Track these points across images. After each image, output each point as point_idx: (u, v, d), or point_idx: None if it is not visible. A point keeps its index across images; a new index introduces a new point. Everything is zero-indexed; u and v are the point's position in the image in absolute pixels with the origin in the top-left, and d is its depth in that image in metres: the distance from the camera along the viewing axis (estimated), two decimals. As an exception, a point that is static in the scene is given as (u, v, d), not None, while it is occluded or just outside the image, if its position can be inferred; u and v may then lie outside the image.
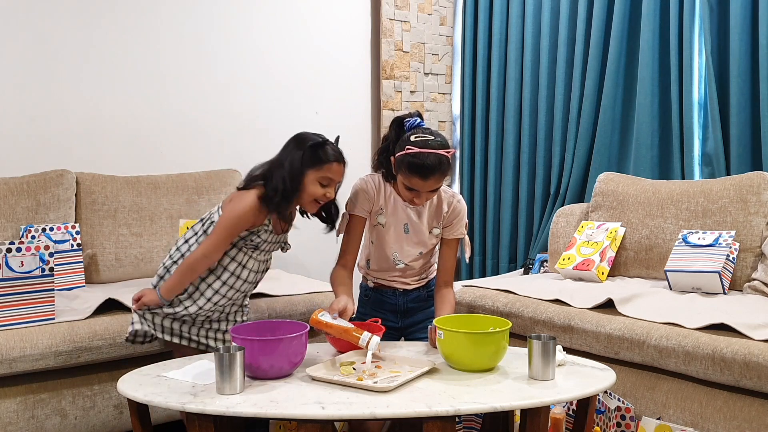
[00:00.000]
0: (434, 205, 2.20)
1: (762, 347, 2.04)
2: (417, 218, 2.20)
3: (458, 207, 2.21)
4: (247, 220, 2.05)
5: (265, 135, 3.71)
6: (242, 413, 1.58)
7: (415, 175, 2.02)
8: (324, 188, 2.07)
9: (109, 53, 3.24)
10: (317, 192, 2.06)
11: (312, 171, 2.05)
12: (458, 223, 2.21)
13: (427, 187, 2.04)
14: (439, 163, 2.00)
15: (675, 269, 2.65)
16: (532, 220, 4.05)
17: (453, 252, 2.20)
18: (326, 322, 1.96)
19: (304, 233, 2.29)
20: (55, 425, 2.33)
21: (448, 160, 2.04)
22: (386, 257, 2.24)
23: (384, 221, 2.21)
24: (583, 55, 3.75)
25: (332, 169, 2.06)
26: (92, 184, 2.97)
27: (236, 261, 2.12)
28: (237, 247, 2.11)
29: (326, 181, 2.07)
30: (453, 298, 2.21)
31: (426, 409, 1.57)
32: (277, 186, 2.03)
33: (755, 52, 3.11)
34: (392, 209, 2.20)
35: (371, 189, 2.21)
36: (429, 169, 2.00)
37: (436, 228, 2.21)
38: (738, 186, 2.78)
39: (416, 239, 2.21)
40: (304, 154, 2.05)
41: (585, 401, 1.86)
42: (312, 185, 2.06)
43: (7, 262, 2.27)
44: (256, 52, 3.65)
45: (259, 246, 2.12)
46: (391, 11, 4.05)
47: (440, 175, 2.02)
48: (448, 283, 2.19)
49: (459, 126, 4.39)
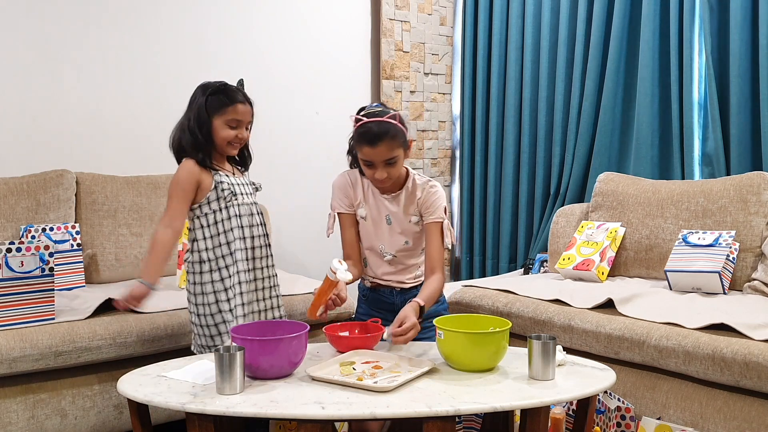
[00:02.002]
0: (409, 192, 2.21)
1: (762, 347, 2.04)
2: (396, 208, 2.22)
3: (431, 191, 2.21)
4: (187, 181, 2.12)
5: (265, 135, 3.71)
6: (242, 413, 1.58)
7: (364, 144, 2.06)
8: (234, 130, 2.16)
9: (109, 53, 3.24)
10: (229, 135, 2.15)
11: (217, 116, 2.14)
12: (433, 206, 2.19)
13: (378, 155, 2.06)
14: (385, 129, 2.05)
15: (675, 269, 2.65)
16: (532, 220, 4.06)
17: (435, 238, 2.19)
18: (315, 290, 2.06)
19: (304, 233, 2.29)
20: (55, 425, 2.33)
21: (395, 128, 2.07)
22: (375, 250, 2.27)
23: (365, 214, 2.25)
24: (583, 55, 3.75)
25: (237, 110, 2.15)
26: (92, 184, 2.97)
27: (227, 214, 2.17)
28: (224, 207, 2.16)
29: (234, 123, 2.15)
30: (437, 284, 2.17)
31: (426, 409, 1.57)
32: (196, 142, 2.13)
33: (755, 52, 3.11)
34: (372, 202, 2.24)
35: (347, 184, 2.26)
36: (375, 135, 2.04)
37: (415, 216, 2.21)
38: (738, 186, 2.77)
39: (399, 229, 2.23)
40: (207, 102, 2.14)
41: (585, 401, 1.86)
42: (222, 130, 2.15)
43: (7, 262, 2.27)
44: (256, 52, 3.65)
45: (234, 190, 2.18)
46: (391, 11, 4.05)
47: (389, 141, 2.05)
48: (434, 269, 2.18)
49: (459, 126, 4.39)
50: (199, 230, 2.17)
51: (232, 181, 2.21)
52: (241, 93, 2.19)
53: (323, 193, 2.38)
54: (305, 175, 3.81)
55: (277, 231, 3.62)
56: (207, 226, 2.16)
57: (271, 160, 3.74)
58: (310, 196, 3.74)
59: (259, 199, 3.70)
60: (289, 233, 3.74)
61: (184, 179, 2.13)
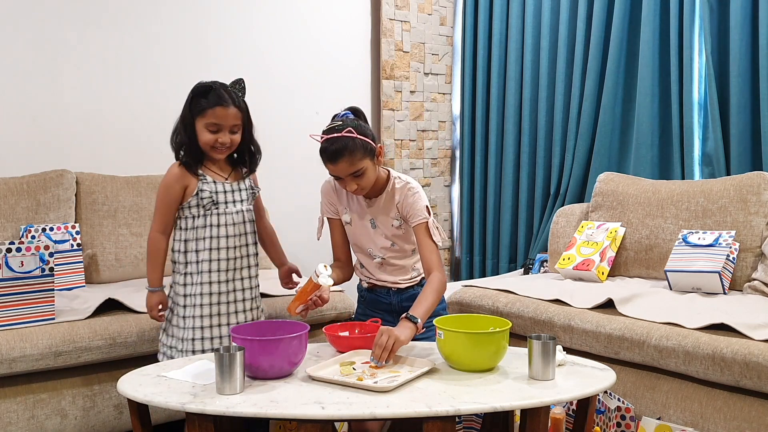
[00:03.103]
0: (389, 196, 2.21)
1: (762, 347, 2.04)
2: (378, 212, 2.22)
3: (408, 194, 2.19)
4: (172, 185, 2.10)
5: (265, 135, 3.71)
6: (242, 413, 1.58)
7: (327, 162, 2.07)
8: (214, 134, 2.08)
9: (109, 53, 3.24)
10: (209, 139, 2.09)
11: (198, 119, 2.08)
12: (413, 208, 2.17)
13: (341, 171, 2.06)
14: (343, 146, 2.03)
15: (675, 269, 2.65)
16: (532, 220, 4.06)
17: (424, 239, 2.17)
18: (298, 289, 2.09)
19: (304, 233, 2.30)
20: (55, 425, 2.33)
21: (353, 142, 2.04)
22: (365, 252, 2.29)
23: (349, 219, 2.26)
24: (583, 55, 3.75)
25: (215, 113, 2.07)
26: (92, 184, 2.97)
27: (203, 222, 2.13)
28: (202, 214, 2.13)
29: (213, 127, 2.08)
30: (436, 283, 2.12)
31: (426, 409, 1.57)
32: (180, 142, 2.11)
33: (755, 52, 3.11)
34: (356, 207, 2.25)
35: (331, 190, 2.28)
36: (334, 153, 2.03)
37: (396, 220, 2.21)
38: (738, 186, 2.77)
39: (383, 232, 2.24)
40: (190, 104, 2.09)
41: (585, 401, 1.86)
42: (202, 133, 2.09)
43: (7, 262, 2.27)
44: (256, 52, 3.65)
45: (215, 199, 2.12)
46: (391, 11, 4.05)
47: (349, 157, 2.03)
48: (431, 269, 2.17)
49: (459, 126, 4.39)
50: (177, 231, 2.17)
51: (219, 188, 2.14)
52: (230, 95, 2.10)
53: (322, 194, 2.39)
54: (305, 175, 3.80)
55: (276, 231, 3.61)
56: (183, 230, 2.15)
57: (271, 160, 3.72)
58: (310, 196, 3.71)
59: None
60: (289, 233, 3.73)
61: (170, 183, 2.11)
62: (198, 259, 2.13)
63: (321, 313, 2.79)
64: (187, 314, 2.14)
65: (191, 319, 2.13)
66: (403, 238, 2.24)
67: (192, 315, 2.13)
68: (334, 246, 2.32)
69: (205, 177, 2.13)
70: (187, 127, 2.09)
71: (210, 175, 2.15)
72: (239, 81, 2.16)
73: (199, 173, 2.13)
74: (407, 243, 2.26)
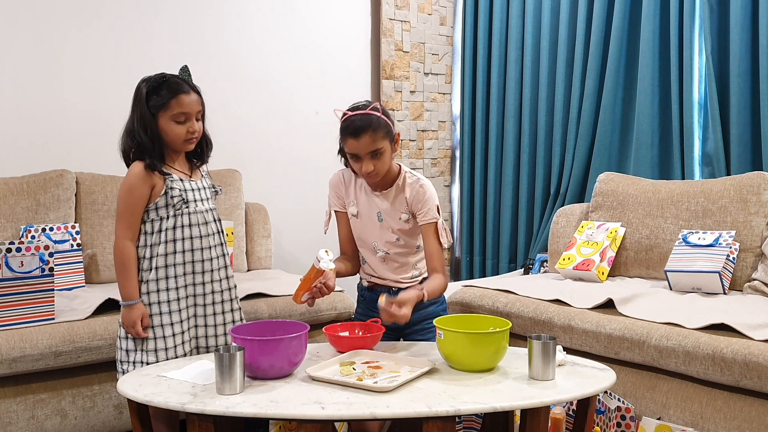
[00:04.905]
0: (399, 190, 2.22)
1: (762, 347, 2.04)
2: (386, 205, 2.22)
3: (420, 191, 2.20)
4: (138, 187, 1.98)
5: (265, 135, 3.71)
6: (242, 413, 1.58)
7: (348, 136, 2.09)
8: (184, 124, 2.00)
9: (109, 53, 3.24)
10: (179, 131, 1.99)
11: (162, 114, 1.98)
12: (425, 206, 2.18)
13: (362, 147, 2.07)
14: (368, 121, 2.07)
15: (675, 269, 2.65)
16: (532, 220, 4.06)
17: (431, 239, 2.18)
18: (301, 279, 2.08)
19: (304, 233, 2.30)
20: (55, 425, 2.33)
21: (378, 119, 2.09)
22: (369, 247, 2.28)
23: (356, 211, 2.26)
24: (583, 55, 3.75)
25: (180, 103, 1.98)
26: (92, 184, 2.97)
27: (173, 223, 2.02)
28: (172, 215, 2.02)
29: (182, 117, 1.99)
30: (441, 280, 2.16)
31: (426, 409, 1.57)
32: (142, 145, 1.97)
33: (755, 52, 3.11)
34: (363, 200, 2.25)
35: (339, 182, 2.29)
36: (358, 127, 2.06)
37: (404, 214, 2.22)
38: (738, 186, 2.77)
39: (390, 226, 2.24)
40: (149, 100, 1.98)
41: (585, 401, 1.86)
42: (171, 127, 1.99)
43: (7, 262, 2.27)
44: (255, 52, 3.65)
45: (185, 197, 2.03)
46: (391, 11, 4.05)
47: (372, 133, 2.07)
48: (435, 269, 2.18)
49: (459, 126, 4.39)
50: (141, 236, 2.03)
51: (186, 186, 2.04)
52: (185, 82, 2.02)
53: (323, 193, 2.39)
54: (305, 175, 3.81)
55: (276, 231, 3.62)
56: (149, 234, 2.02)
57: (270, 159, 3.75)
58: (309, 196, 3.74)
59: (259, 199, 3.70)
60: (289, 233, 3.74)
61: (135, 185, 1.98)
62: (167, 263, 2.01)
63: (321, 313, 2.79)
64: (164, 322, 2.01)
65: (169, 327, 2.02)
66: (410, 233, 2.24)
67: (170, 322, 2.02)
68: (341, 240, 2.33)
69: (171, 175, 2.02)
70: (147, 126, 1.97)
71: (175, 173, 2.04)
72: (185, 68, 2.07)
73: (164, 171, 2.01)
74: (413, 238, 2.26)
